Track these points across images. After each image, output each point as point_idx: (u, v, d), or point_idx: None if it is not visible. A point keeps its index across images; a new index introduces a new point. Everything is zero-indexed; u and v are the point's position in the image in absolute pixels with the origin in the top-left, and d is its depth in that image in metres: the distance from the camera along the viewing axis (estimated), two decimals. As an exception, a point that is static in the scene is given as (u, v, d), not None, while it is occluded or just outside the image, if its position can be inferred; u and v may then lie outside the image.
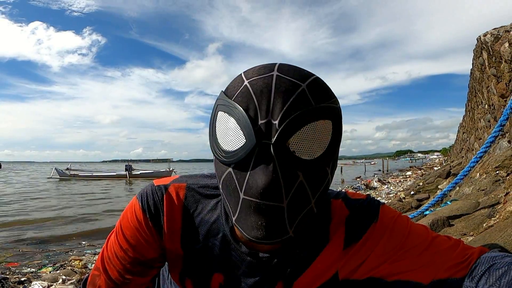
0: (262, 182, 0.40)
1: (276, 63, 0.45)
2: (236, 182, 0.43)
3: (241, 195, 0.42)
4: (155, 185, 0.60)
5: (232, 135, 0.43)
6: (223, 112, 0.44)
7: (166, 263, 0.64)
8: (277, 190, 0.40)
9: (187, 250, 0.59)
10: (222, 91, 0.47)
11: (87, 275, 0.63)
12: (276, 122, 0.40)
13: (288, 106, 0.40)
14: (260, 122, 0.41)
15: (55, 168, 24.80)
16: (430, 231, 0.55)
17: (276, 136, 0.40)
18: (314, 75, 0.45)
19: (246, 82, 0.43)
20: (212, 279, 0.58)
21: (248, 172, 0.41)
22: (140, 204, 0.58)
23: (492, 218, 1.46)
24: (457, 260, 0.49)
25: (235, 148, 0.42)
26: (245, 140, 0.41)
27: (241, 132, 0.42)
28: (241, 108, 0.42)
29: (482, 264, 0.47)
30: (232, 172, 0.43)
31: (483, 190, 2.19)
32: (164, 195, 0.58)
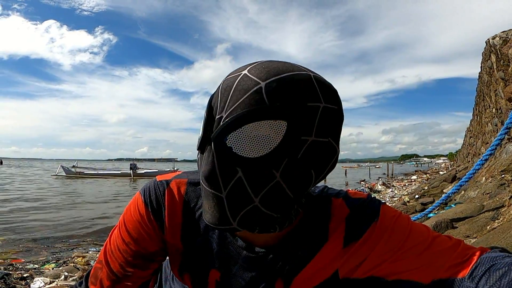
0: (204, 170, 0.44)
1: (260, 62, 0.45)
2: (199, 168, 0.49)
3: (201, 181, 0.47)
4: (158, 180, 0.61)
5: (202, 125, 0.47)
6: None
7: (168, 258, 0.65)
8: (215, 180, 0.44)
9: (187, 244, 0.60)
10: None
11: (88, 264, 0.64)
12: (224, 117, 0.43)
13: (239, 104, 0.42)
14: (217, 117, 0.44)
15: (61, 166, 25.07)
16: (431, 231, 0.55)
17: (216, 131, 0.42)
18: (288, 72, 0.43)
19: (224, 79, 0.46)
20: (209, 275, 0.59)
21: (202, 162, 0.46)
22: (142, 198, 0.59)
23: (496, 221, 1.45)
24: (458, 260, 0.49)
25: (199, 136, 0.47)
26: (201, 132, 0.46)
27: (202, 123, 0.46)
28: (208, 103, 0.46)
29: (483, 264, 0.47)
30: (198, 158, 0.49)
31: (488, 193, 2.16)
32: (166, 190, 0.59)
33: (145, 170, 26.57)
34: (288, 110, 0.41)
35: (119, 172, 25.94)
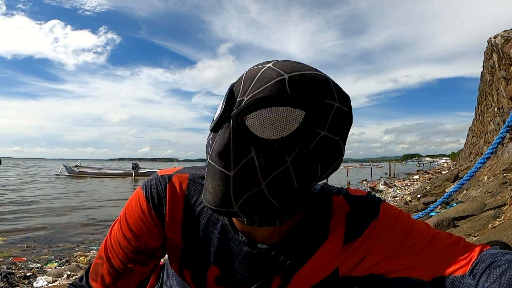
0: (217, 145, 0.45)
1: (284, 59, 0.48)
2: (208, 148, 0.48)
3: (208, 159, 0.47)
4: (159, 175, 0.61)
5: (218, 107, 0.49)
6: None
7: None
8: (227, 156, 0.44)
9: (187, 239, 0.60)
10: None
11: (90, 263, 0.64)
12: (245, 99, 0.44)
13: (262, 89, 0.44)
14: (238, 99, 0.46)
15: (63, 165, 25.18)
16: (431, 228, 0.55)
17: (237, 109, 0.44)
18: (310, 71, 0.46)
19: (247, 70, 0.48)
20: (209, 271, 0.59)
21: (216, 139, 0.47)
22: (144, 193, 0.59)
23: (498, 219, 1.45)
24: (458, 257, 0.49)
25: (214, 118, 0.48)
26: (220, 111, 0.47)
27: (220, 105, 0.48)
28: (229, 87, 0.48)
29: (483, 261, 0.47)
30: (210, 139, 0.49)
31: (489, 192, 2.16)
32: (168, 184, 0.59)
33: (147, 170, 26.64)
34: (307, 101, 0.43)
35: (121, 171, 26.03)
